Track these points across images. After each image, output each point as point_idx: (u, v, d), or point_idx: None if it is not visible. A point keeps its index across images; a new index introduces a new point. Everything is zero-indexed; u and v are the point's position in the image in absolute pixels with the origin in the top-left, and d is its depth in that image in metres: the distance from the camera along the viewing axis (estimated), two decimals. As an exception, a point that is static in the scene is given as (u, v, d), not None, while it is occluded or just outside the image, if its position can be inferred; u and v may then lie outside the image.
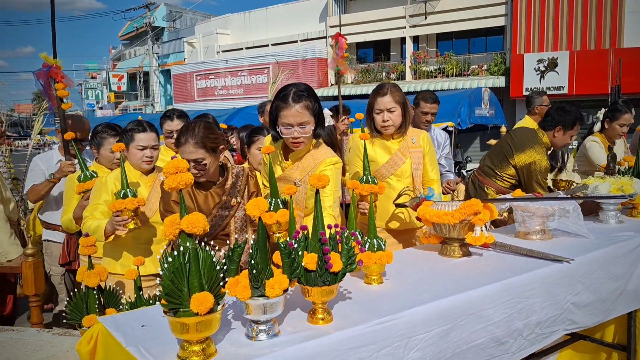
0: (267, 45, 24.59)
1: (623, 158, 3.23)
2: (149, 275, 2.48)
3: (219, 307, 1.25)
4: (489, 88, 14.24)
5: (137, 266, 1.95)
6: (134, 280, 1.93)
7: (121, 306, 1.96)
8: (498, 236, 2.26)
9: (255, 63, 23.79)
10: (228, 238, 2.28)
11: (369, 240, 1.77)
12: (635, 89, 13.23)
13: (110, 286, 2.00)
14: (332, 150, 2.42)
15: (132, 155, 2.57)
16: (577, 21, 16.43)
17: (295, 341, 1.35)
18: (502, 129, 6.20)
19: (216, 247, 1.33)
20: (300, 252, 1.41)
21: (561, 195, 2.63)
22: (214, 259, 1.25)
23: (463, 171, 10.25)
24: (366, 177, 2.44)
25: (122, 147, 2.47)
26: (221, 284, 1.27)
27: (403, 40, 20.99)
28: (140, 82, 34.49)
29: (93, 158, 3.56)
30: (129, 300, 1.95)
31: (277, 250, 1.43)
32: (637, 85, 13.78)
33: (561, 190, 3.18)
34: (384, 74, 21.17)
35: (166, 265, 1.21)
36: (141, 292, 1.95)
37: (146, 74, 34.17)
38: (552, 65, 16.60)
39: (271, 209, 1.97)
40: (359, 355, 1.41)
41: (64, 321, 1.93)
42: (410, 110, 2.78)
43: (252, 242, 1.33)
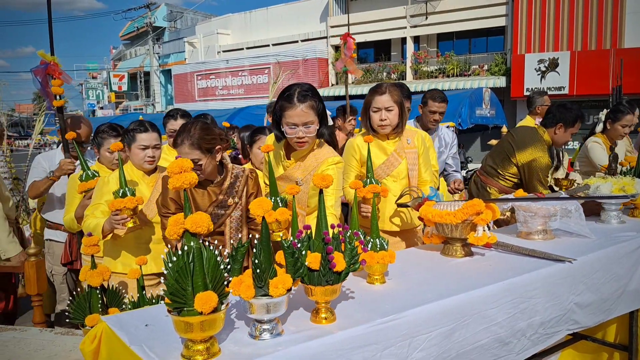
0: (268, 45, 24.59)
1: (625, 158, 3.24)
2: (150, 274, 2.49)
3: (223, 307, 1.25)
4: (490, 88, 14.24)
5: (140, 266, 1.96)
6: (137, 279, 1.93)
7: (124, 306, 1.97)
8: (500, 236, 2.26)
9: (256, 63, 23.79)
10: (223, 237, 2.31)
11: (372, 240, 1.77)
12: (636, 89, 13.24)
13: (113, 286, 2.01)
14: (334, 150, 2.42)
15: (134, 155, 2.58)
16: (578, 21, 16.43)
17: (298, 340, 1.35)
18: (504, 129, 6.19)
19: (219, 247, 1.33)
20: (303, 252, 1.41)
21: (563, 195, 2.63)
22: (218, 259, 1.26)
23: (463, 171, 10.24)
24: (370, 180, 2.42)
25: (120, 147, 2.50)
26: (225, 283, 1.27)
27: (404, 40, 20.99)
28: (141, 82, 34.50)
29: (95, 158, 3.57)
30: (132, 299, 1.96)
31: (277, 248, 1.43)
32: (638, 85, 13.79)
33: (563, 189, 3.18)
34: (385, 74, 21.17)
35: (170, 264, 1.21)
36: (144, 292, 1.96)
37: (147, 74, 34.19)
38: (553, 65, 16.59)
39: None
40: (363, 354, 1.41)
41: (67, 320, 1.94)
42: (406, 110, 2.76)
43: (256, 242, 1.33)
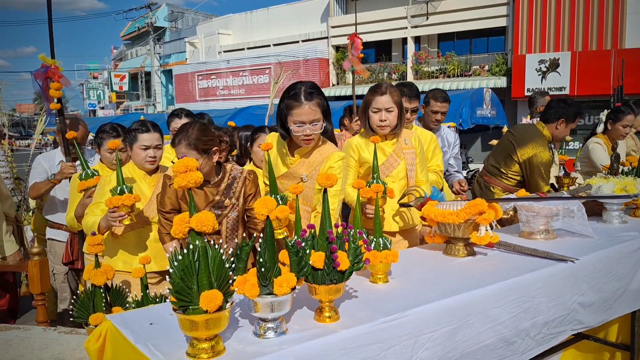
0: (269, 45, 24.58)
1: (626, 158, 3.24)
2: (151, 272, 2.50)
3: (228, 305, 1.26)
4: (491, 89, 14.27)
5: (144, 265, 1.96)
6: (141, 278, 1.94)
7: (127, 304, 1.97)
8: (502, 236, 2.26)
9: (256, 63, 23.79)
10: (219, 237, 2.34)
11: (375, 239, 1.78)
12: (637, 90, 13.19)
13: (116, 285, 2.01)
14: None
15: (136, 155, 2.60)
16: (579, 22, 16.42)
17: (302, 339, 1.35)
18: (505, 130, 6.19)
19: (224, 245, 1.34)
20: (307, 251, 1.41)
21: (565, 195, 2.63)
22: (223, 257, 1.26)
23: (464, 172, 10.24)
24: (375, 181, 2.40)
25: (118, 144, 2.55)
26: (230, 282, 1.28)
27: (404, 40, 20.98)
28: (141, 82, 34.52)
29: (92, 157, 3.58)
30: (135, 298, 1.97)
31: (277, 247, 1.44)
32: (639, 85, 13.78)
33: (565, 187, 3.19)
34: (386, 75, 21.16)
35: (176, 263, 1.22)
36: (147, 290, 1.96)
37: (148, 74, 34.21)
38: (554, 65, 16.58)
39: None
40: (367, 353, 1.41)
41: (71, 319, 1.94)
42: (404, 111, 2.76)
43: (260, 241, 1.34)
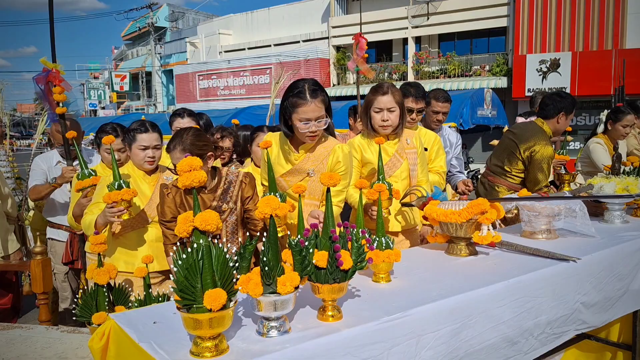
0: (270, 45, 24.60)
1: (627, 158, 3.24)
2: (153, 272, 2.50)
3: (232, 304, 1.26)
4: (491, 89, 14.29)
5: (147, 264, 1.97)
6: (144, 277, 1.94)
7: (130, 304, 1.98)
8: (504, 235, 2.26)
9: (257, 63, 23.81)
10: (220, 241, 2.33)
11: (377, 238, 1.78)
12: (638, 90, 13.21)
13: (119, 284, 2.02)
14: None
15: (135, 155, 2.60)
16: (580, 22, 16.42)
17: (306, 338, 1.36)
18: (505, 130, 6.20)
19: (228, 245, 1.34)
20: (310, 250, 1.42)
21: (567, 194, 2.64)
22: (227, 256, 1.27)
23: (465, 171, 10.23)
24: (381, 182, 2.38)
25: (112, 140, 2.55)
26: (233, 281, 1.28)
27: (405, 40, 20.99)
28: (142, 82, 34.55)
29: (90, 157, 3.59)
30: (138, 297, 1.97)
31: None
32: (640, 86, 13.78)
33: (565, 184, 3.19)
34: (386, 75, 21.17)
35: (180, 261, 1.22)
36: (150, 290, 1.97)
37: (149, 74, 34.24)
38: (555, 66, 16.58)
39: None
40: (370, 352, 1.42)
41: (74, 318, 1.95)
42: (406, 111, 2.77)
43: (264, 240, 1.34)
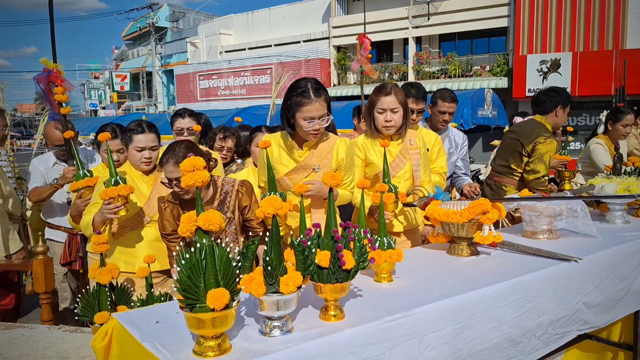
0: (270, 45, 24.61)
1: (628, 159, 3.24)
2: (155, 272, 2.50)
3: (234, 303, 1.27)
4: (492, 89, 14.27)
5: (149, 264, 1.97)
6: (146, 277, 1.94)
7: (132, 303, 1.98)
8: (506, 235, 2.27)
9: (258, 63, 23.81)
10: None
11: (379, 238, 1.78)
12: (638, 90, 13.22)
13: (121, 284, 2.02)
14: None
15: (131, 156, 2.59)
16: (580, 22, 16.42)
17: (308, 337, 1.36)
18: (506, 130, 6.20)
19: (230, 245, 1.34)
20: (313, 250, 1.42)
21: (568, 194, 2.64)
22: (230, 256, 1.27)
23: (470, 173, 10.19)
24: (387, 186, 2.31)
25: (108, 137, 2.56)
26: (236, 280, 1.29)
27: (406, 41, 20.99)
28: (143, 82, 34.56)
29: (94, 157, 3.59)
30: (140, 297, 1.97)
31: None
32: (641, 86, 13.77)
33: (565, 180, 3.19)
34: (387, 75, 21.17)
35: (183, 261, 1.22)
36: (152, 289, 1.97)
37: (149, 74, 34.25)
38: (555, 66, 16.58)
39: None
40: (372, 352, 1.42)
41: (76, 318, 1.95)
42: (409, 112, 2.76)
43: (267, 240, 1.34)
